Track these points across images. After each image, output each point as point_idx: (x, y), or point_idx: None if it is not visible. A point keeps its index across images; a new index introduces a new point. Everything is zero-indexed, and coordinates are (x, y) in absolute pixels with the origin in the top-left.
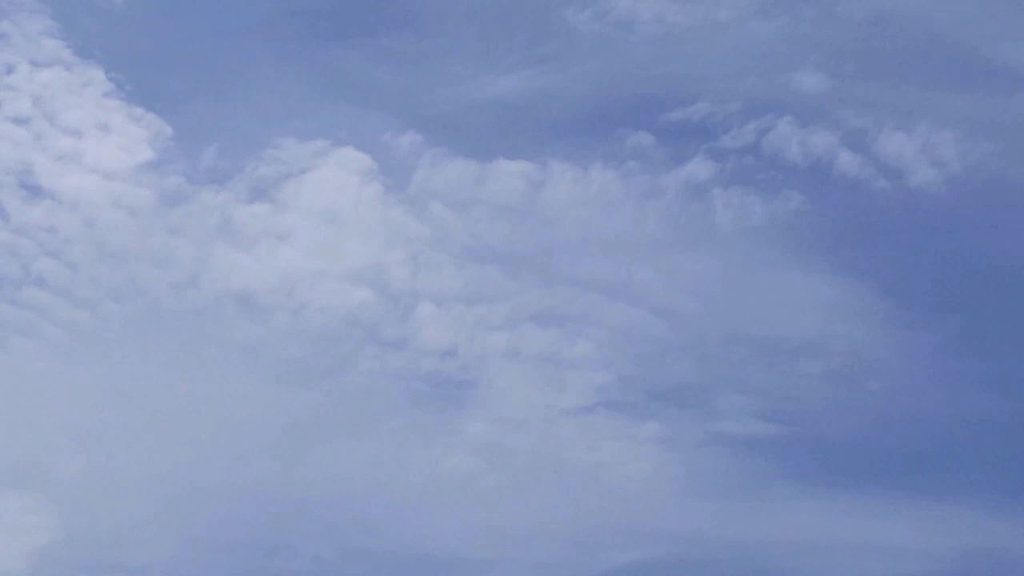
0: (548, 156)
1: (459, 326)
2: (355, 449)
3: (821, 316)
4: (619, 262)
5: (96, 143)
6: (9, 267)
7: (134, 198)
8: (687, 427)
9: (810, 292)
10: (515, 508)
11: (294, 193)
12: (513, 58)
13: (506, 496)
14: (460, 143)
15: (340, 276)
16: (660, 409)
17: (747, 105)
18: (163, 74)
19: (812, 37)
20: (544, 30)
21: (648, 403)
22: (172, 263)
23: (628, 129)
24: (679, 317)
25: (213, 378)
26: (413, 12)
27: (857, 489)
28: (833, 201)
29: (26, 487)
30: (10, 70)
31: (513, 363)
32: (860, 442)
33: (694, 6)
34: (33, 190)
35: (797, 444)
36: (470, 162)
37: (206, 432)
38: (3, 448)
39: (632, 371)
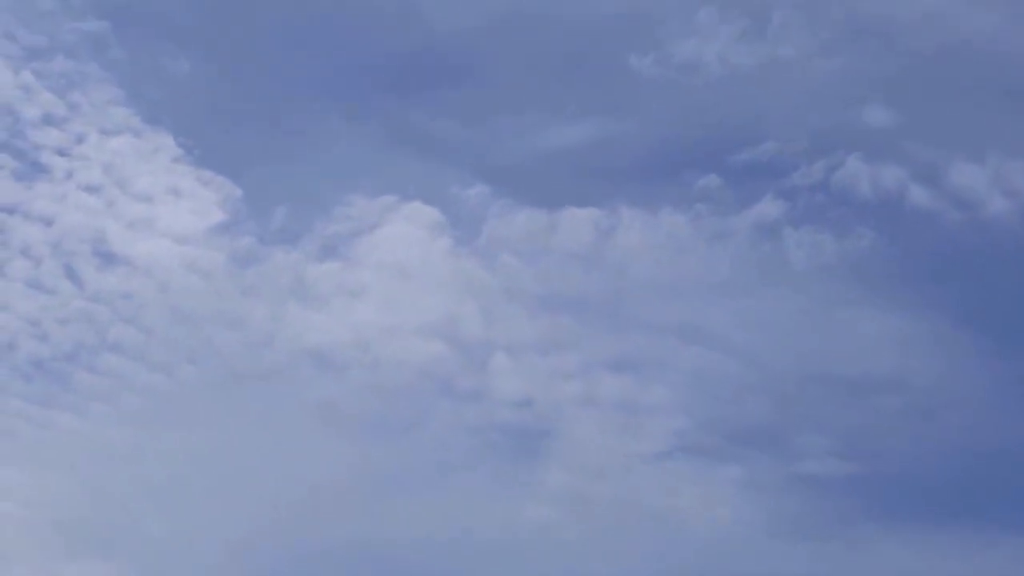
0: (617, 202)
1: (533, 376)
2: (434, 503)
3: (898, 352)
4: (692, 305)
5: (167, 208)
6: (86, 334)
7: (206, 261)
8: (767, 469)
9: (886, 328)
10: (596, 557)
11: (365, 249)
12: (578, 106)
13: (587, 545)
14: (528, 193)
15: (413, 330)
16: (739, 452)
17: (815, 143)
18: (231, 137)
19: (877, 72)
20: (608, 77)
21: (727, 446)
22: (246, 324)
23: (696, 172)
24: (755, 358)
25: (291, 437)
26: (476, 65)
27: (942, 526)
28: (906, 236)
29: (108, 554)
30: (81, 139)
31: (589, 411)
32: (943, 478)
33: (757, 46)
34: (107, 257)
35: (879, 482)
36: (539, 211)
37: (285, 491)
38: (84, 515)
39: (709, 414)
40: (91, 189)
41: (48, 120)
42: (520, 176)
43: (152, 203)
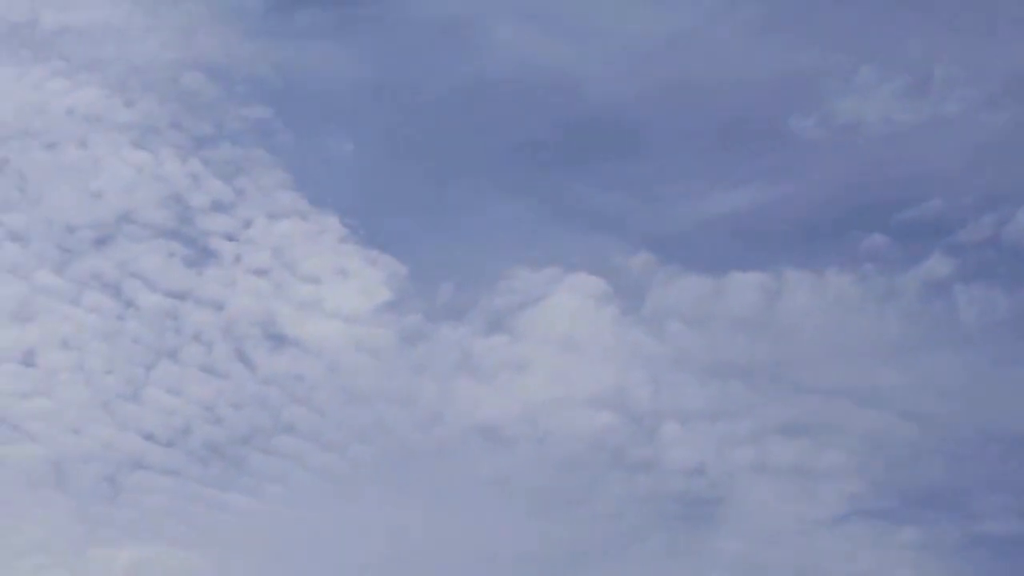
0: (782, 265)
1: (705, 443)
2: (609, 574)
3: None
4: (863, 367)
5: (335, 288)
6: (260, 417)
7: (375, 339)
8: (946, 530)
9: None
10: None
11: (531, 322)
12: (740, 171)
13: None
14: (692, 259)
15: (582, 401)
16: (916, 513)
17: (982, 197)
18: (395, 215)
19: None
20: (769, 141)
21: (904, 508)
22: (416, 401)
23: (862, 231)
24: (929, 419)
25: (463, 513)
26: (636, 134)
27: None
28: None
29: None
30: (249, 224)
31: (762, 477)
32: None
33: (920, 103)
34: (277, 339)
35: None
36: (704, 277)
37: (460, 567)
38: None
39: (885, 477)
40: (260, 272)
41: (216, 206)
42: (684, 243)
43: (320, 284)
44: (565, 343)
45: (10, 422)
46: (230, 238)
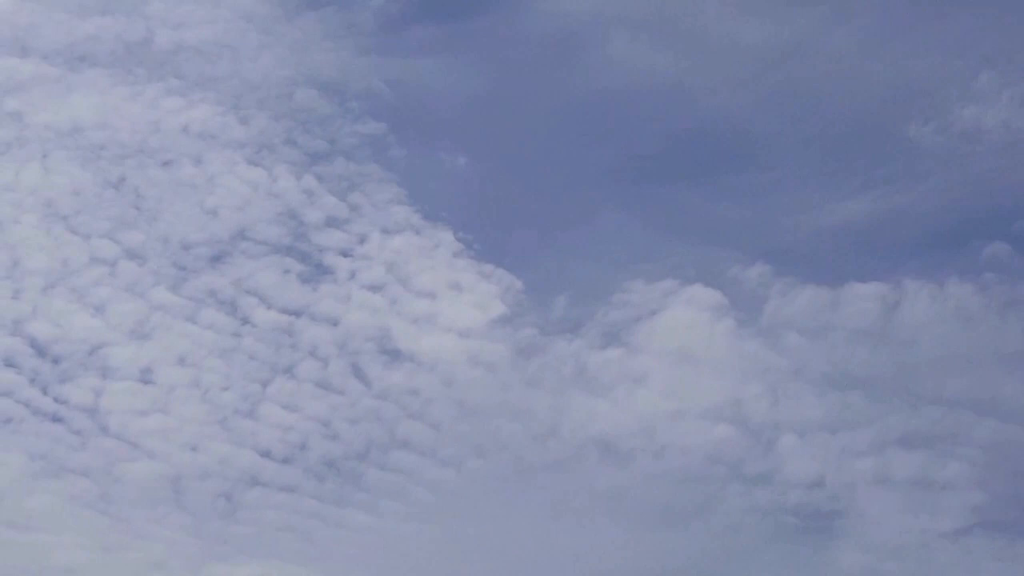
0: (901, 275)
1: (824, 455)
2: None
3: None
4: (984, 377)
5: (449, 303)
6: (376, 432)
7: (490, 354)
8: None
9: None
10: None
11: (646, 335)
12: (857, 181)
13: None
14: (810, 270)
15: (699, 414)
16: None
17: None
18: (509, 229)
19: None
20: (886, 149)
21: None
22: (531, 415)
23: (983, 240)
24: None
25: (579, 527)
26: (750, 145)
27: None
28: None
29: None
30: (363, 239)
31: (883, 489)
32: None
33: None
34: (392, 354)
35: None
36: (821, 288)
37: None
38: None
39: (1008, 488)
40: (374, 288)
41: (331, 222)
42: (801, 253)
43: (434, 299)
44: (681, 356)
45: (128, 440)
46: (345, 254)
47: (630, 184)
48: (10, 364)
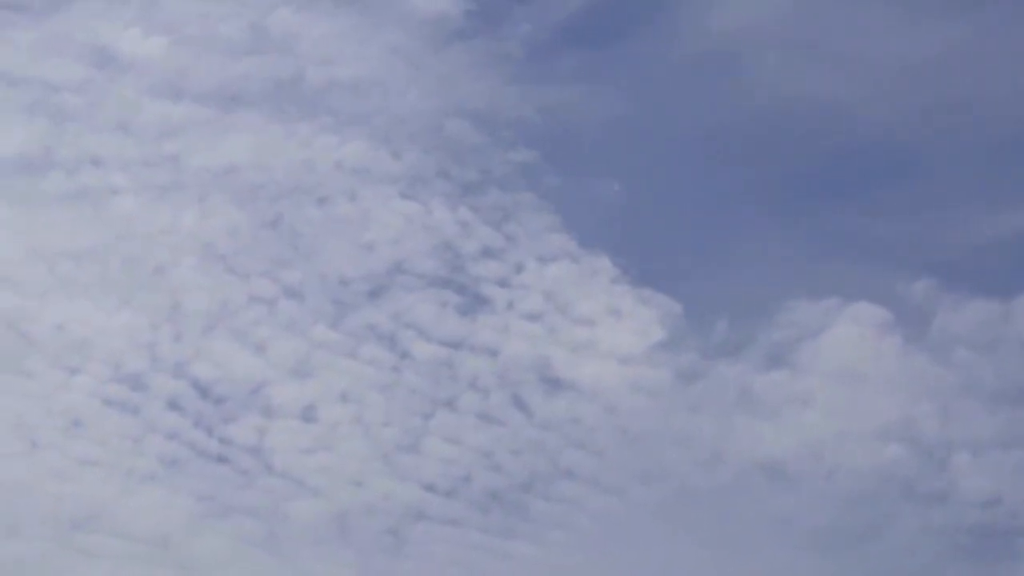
0: None
1: (1000, 473)
2: None
3: None
4: None
5: (609, 329)
6: (539, 462)
7: (651, 380)
8: None
9: None
10: None
11: (811, 355)
12: (1022, 190)
13: None
14: (977, 283)
15: (868, 434)
16: None
17: None
18: (666, 253)
19: None
20: None
21: None
22: (695, 440)
23: None
24: None
25: (747, 553)
26: (909, 157)
27: None
28: None
29: None
30: (520, 269)
31: None
32: None
33: None
34: (553, 383)
35: None
36: (991, 301)
37: None
38: None
39: None
40: (533, 317)
41: (487, 252)
42: (967, 267)
43: (593, 326)
44: (848, 375)
45: (293, 478)
46: (502, 284)
47: (787, 202)
48: (174, 407)
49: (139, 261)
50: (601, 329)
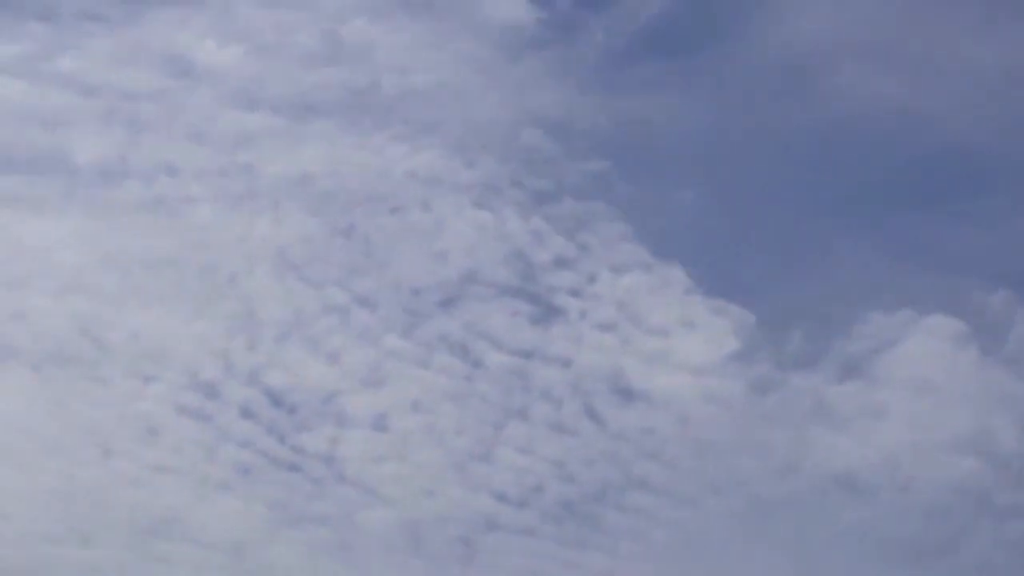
0: None
1: None
2: None
3: None
4: None
5: (682, 340)
6: (611, 473)
7: (724, 390)
8: None
9: None
10: None
11: (887, 367)
12: None
13: None
14: None
15: (945, 447)
16: None
17: None
18: (739, 263)
19: None
20: None
21: None
22: (769, 451)
23: None
24: None
25: (821, 564)
26: (986, 170)
27: None
28: None
29: None
30: (593, 279)
31: None
32: None
33: None
34: (626, 394)
35: None
36: None
37: None
38: None
39: None
40: (605, 327)
41: (559, 262)
42: None
43: (667, 336)
44: (924, 387)
45: (365, 487)
46: (575, 294)
47: (863, 213)
48: (248, 415)
49: (213, 269)
50: (674, 339)
